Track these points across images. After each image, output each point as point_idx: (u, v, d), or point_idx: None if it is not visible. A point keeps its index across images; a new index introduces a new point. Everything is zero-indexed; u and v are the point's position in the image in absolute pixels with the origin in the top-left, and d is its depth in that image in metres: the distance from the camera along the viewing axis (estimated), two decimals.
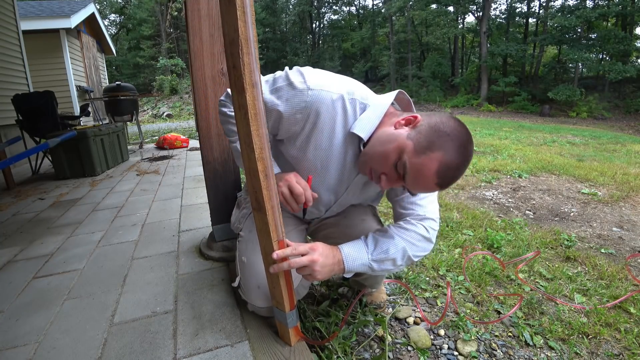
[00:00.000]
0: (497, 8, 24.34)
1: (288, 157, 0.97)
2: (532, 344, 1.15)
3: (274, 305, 0.92)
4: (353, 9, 29.73)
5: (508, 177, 3.35)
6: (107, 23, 28.03)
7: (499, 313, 1.31)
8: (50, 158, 3.56)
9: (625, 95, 15.63)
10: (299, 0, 27.62)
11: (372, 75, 26.17)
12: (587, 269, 1.62)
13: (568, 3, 17.44)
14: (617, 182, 3.08)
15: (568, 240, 1.90)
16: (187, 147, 5.04)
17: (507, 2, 20.97)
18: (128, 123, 5.60)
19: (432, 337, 1.18)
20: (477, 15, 20.34)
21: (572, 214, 2.37)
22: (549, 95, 15.35)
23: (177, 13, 20.82)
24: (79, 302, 1.22)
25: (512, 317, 1.27)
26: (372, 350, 1.12)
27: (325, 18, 29.80)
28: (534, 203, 2.61)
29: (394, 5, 20.60)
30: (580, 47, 15.37)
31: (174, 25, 24.40)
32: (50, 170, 3.76)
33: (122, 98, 5.06)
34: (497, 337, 1.19)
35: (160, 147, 5.07)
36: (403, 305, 1.34)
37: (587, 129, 10.08)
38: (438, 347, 1.14)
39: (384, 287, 1.41)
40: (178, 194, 2.54)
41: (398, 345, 1.14)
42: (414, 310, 1.31)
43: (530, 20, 20.73)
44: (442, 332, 1.20)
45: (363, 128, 0.86)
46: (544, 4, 18.95)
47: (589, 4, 16.21)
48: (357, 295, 1.27)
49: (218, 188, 1.47)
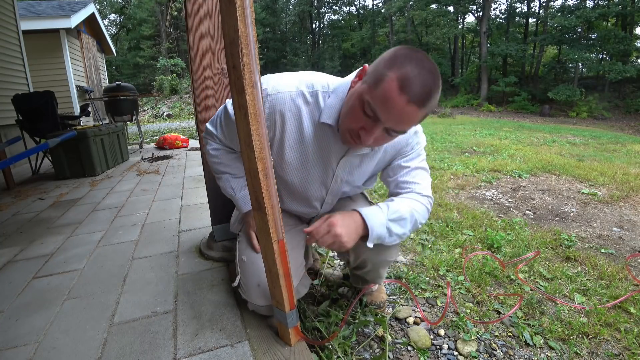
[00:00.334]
0: (497, 8, 24.34)
1: None
2: (532, 344, 1.15)
3: (274, 305, 0.92)
4: (353, 9, 29.73)
5: (508, 177, 3.35)
6: (107, 23, 28.04)
7: (499, 313, 1.31)
8: (50, 158, 3.56)
9: (625, 95, 15.63)
10: (299, 0, 27.61)
11: None
12: (587, 269, 1.62)
13: (568, 3, 17.45)
14: (617, 182, 3.08)
15: (568, 240, 1.90)
16: (187, 147, 5.04)
17: (507, 2, 20.98)
18: (128, 123, 5.60)
19: (432, 337, 1.18)
20: (477, 15, 20.34)
21: (572, 214, 2.37)
22: (549, 95, 15.35)
23: (177, 13, 20.83)
24: (79, 302, 1.22)
25: (512, 317, 1.27)
26: (372, 350, 1.12)
27: (325, 18, 29.82)
28: (534, 203, 2.61)
29: (394, 5, 20.61)
30: (580, 47, 15.37)
31: (174, 25, 24.40)
32: (50, 170, 3.76)
33: (122, 98, 5.05)
34: (497, 337, 1.19)
35: (160, 147, 5.07)
36: (403, 305, 1.34)
37: (587, 129, 10.08)
38: (438, 347, 1.14)
39: (384, 287, 1.41)
40: (178, 194, 2.54)
41: (398, 345, 1.14)
42: (414, 310, 1.31)
43: (530, 20, 20.73)
44: (442, 332, 1.20)
45: (330, 115, 0.88)
46: (544, 4, 18.96)
47: (589, 4, 16.21)
48: (357, 295, 1.27)
49: (218, 188, 1.46)
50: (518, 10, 20.23)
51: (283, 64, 25.91)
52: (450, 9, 21.14)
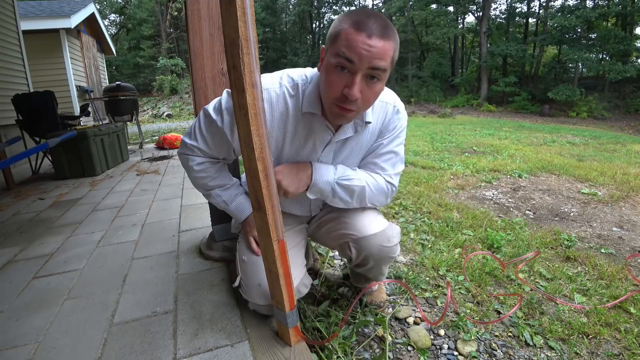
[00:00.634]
0: (497, 8, 24.36)
1: None
2: (532, 344, 1.15)
3: (274, 305, 0.92)
4: (353, 9, 29.71)
5: (508, 177, 3.35)
6: (107, 23, 28.04)
7: (499, 313, 1.31)
8: (50, 158, 3.56)
9: (625, 95, 15.63)
10: (299, 0, 27.61)
11: None
12: (587, 269, 1.62)
13: (568, 3, 17.45)
14: (617, 182, 3.08)
15: (568, 240, 1.90)
16: None
17: (507, 2, 20.98)
18: (128, 123, 5.60)
19: (432, 337, 1.18)
20: (477, 15, 20.34)
21: (572, 214, 2.37)
22: (549, 95, 15.34)
23: (177, 13, 20.81)
24: (79, 302, 1.22)
25: (512, 317, 1.27)
26: (372, 350, 1.12)
27: (325, 18, 29.77)
28: (534, 203, 2.61)
29: (394, 5, 20.61)
30: (580, 47, 15.36)
31: (174, 25, 24.41)
32: (50, 170, 3.76)
33: (122, 98, 5.05)
34: (497, 337, 1.19)
35: (160, 147, 5.07)
36: (403, 305, 1.34)
37: (587, 129, 10.07)
38: (438, 347, 1.14)
39: (384, 287, 1.41)
40: (178, 194, 2.54)
41: (398, 345, 1.14)
42: (414, 310, 1.31)
43: (530, 20, 20.73)
44: (442, 332, 1.20)
45: (310, 103, 0.91)
46: (544, 4, 18.96)
47: (589, 4, 16.20)
48: (357, 295, 1.27)
49: None
50: (518, 10, 20.23)
51: (283, 64, 25.89)
52: (450, 9, 21.14)
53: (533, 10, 20.01)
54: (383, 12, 23.76)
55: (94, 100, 6.57)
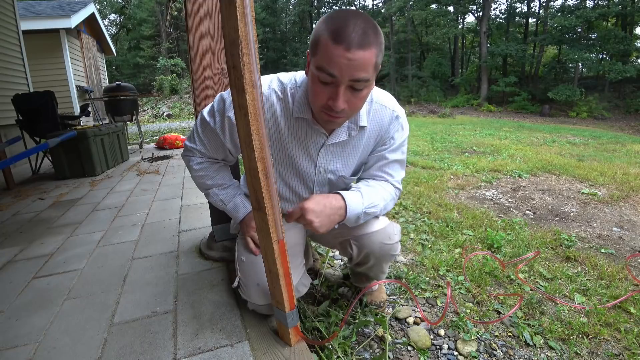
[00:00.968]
0: (497, 8, 24.36)
1: None
2: (532, 344, 1.15)
3: (274, 305, 0.92)
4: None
5: (508, 177, 3.35)
6: (107, 23, 28.05)
7: (499, 313, 1.31)
8: (50, 158, 3.56)
9: (625, 95, 15.62)
10: (299, 0, 27.62)
11: None
12: (587, 269, 1.62)
13: (568, 3, 17.46)
14: (617, 182, 3.08)
15: (568, 240, 1.90)
16: None
17: (507, 2, 20.99)
18: (128, 123, 5.60)
19: (432, 337, 1.18)
20: (477, 15, 20.34)
21: (572, 214, 2.37)
22: (549, 95, 15.35)
23: (177, 13, 20.78)
24: (79, 302, 1.22)
25: (512, 317, 1.27)
26: (372, 350, 1.12)
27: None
28: (534, 203, 2.61)
29: (394, 5, 20.60)
30: (580, 47, 15.36)
31: (174, 25, 24.40)
32: (50, 170, 3.76)
33: (122, 98, 5.06)
34: (497, 337, 1.19)
35: (160, 147, 5.07)
36: (403, 305, 1.34)
37: (587, 129, 10.07)
38: (438, 347, 1.14)
39: (384, 287, 1.41)
40: (178, 194, 2.54)
41: (398, 345, 1.14)
42: (414, 310, 1.31)
43: (530, 20, 20.73)
44: (442, 332, 1.20)
45: (300, 108, 0.92)
46: (544, 4, 18.95)
47: (589, 4, 16.21)
48: (357, 295, 1.27)
49: None
50: (518, 10, 20.23)
51: (283, 64, 25.90)
52: (450, 9, 21.14)
53: (533, 10, 20.01)
54: (383, 12, 23.79)
55: (94, 100, 6.58)
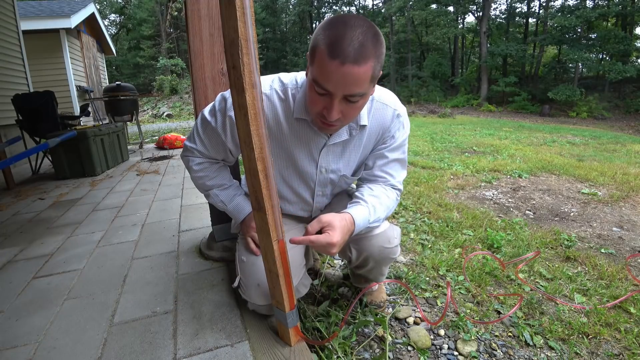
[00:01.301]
0: (497, 8, 24.37)
1: None
2: (532, 344, 1.15)
3: (274, 305, 0.92)
4: (353, 9, 29.71)
5: (508, 177, 3.35)
6: (107, 23, 28.04)
7: (499, 313, 1.31)
8: (50, 158, 3.56)
9: (625, 95, 15.63)
10: (299, 0, 27.61)
11: None
12: (587, 269, 1.62)
13: (568, 3, 17.46)
14: (617, 182, 3.08)
15: (568, 240, 1.90)
16: None
17: (507, 2, 20.99)
18: (128, 123, 5.60)
19: (432, 337, 1.18)
20: (477, 15, 20.34)
21: (572, 214, 2.37)
22: (549, 95, 15.35)
23: (177, 13, 20.78)
24: (79, 302, 1.22)
25: (512, 317, 1.27)
26: (372, 350, 1.12)
27: (325, 18, 29.82)
28: (534, 203, 2.61)
29: (394, 5, 20.60)
30: (580, 47, 15.37)
31: (174, 25, 24.40)
32: (50, 170, 3.76)
33: (122, 98, 5.06)
34: (497, 337, 1.19)
35: (160, 147, 5.07)
36: (403, 305, 1.34)
37: (587, 129, 10.07)
38: (438, 347, 1.14)
39: (384, 287, 1.41)
40: (178, 194, 2.54)
41: (398, 345, 1.14)
42: (414, 310, 1.31)
43: (530, 20, 20.73)
44: (442, 332, 1.20)
45: (300, 110, 0.92)
46: (544, 4, 18.96)
47: (589, 4, 16.21)
48: (357, 295, 1.27)
49: None
50: (518, 10, 20.24)
51: (283, 64, 25.90)
52: (450, 9, 21.14)
53: (533, 10, 20.01)
54: (383, 12, 23.80)
55: (94, 100, 6.57)
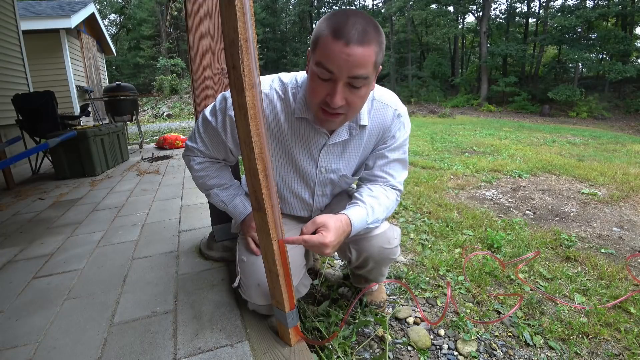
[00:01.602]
0: (497, 8, 24.37)
1: None
2: (532, 344, 1.15)
3: (274, 305, 0.92)
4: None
5: (508, 177, 3.35)
6: (107, 23, 28.05)
7: (499, 313, 1.31)
8: (50, 158, 3.56)
9: (625, 95, 15.62)
10: (299, 0, 27.62)
11: None
12: (587, 269, 1.62)
13: (568, 3, 17.46)
14: (617, 182, 3.08)
15: (568, 240, 1.90)
16: None
17: (507, 2, 20.99)
18: (128, 123, 5.60)
19: (432, 337, 1.18)
20: (477, 15, 20.34)
21: (572, 214, 2.37)
22: (549, 95, 15.34)
23: (177, 13, 20.74)
24: (79, 302, 1.22)
25: (512, 317, 1.27)
26: (372, 350, 1.12)
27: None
28: (534, 203, 2.61)
29: (394, 5, 20.60)
30: (580, 47, 15.37)
31: (174, 25, 24.40)
32: (50, 170, 3.76)
33: (122, 98, 5.05)
34: (497, 337, 1.19)
35: (160, 147, 5.07)
36: (403, 305, 1.34)
37: (587, 129, 10.07)
38: (438, 347, 1.14)
39: (384, 287, 1.41)
40: (178, 194, 2.54)
41: (398, 345, 1.14)
42: (414, 310, 1.31)
43: (530, 20, 20.73)
44: (442, 332, 1.20)
45: (301, 109, 0.92)
46: (544, 4, 18.96)
47: (589, 4, 16.21)
48: (357, 295, 1.27)
49: None
50: (518, 10, 20.24)
51: (283, 64, 25.89)
52: (450, 9, 21.14)
53: (533, 10, 20.02)
54: (383, 12, 23.80)
55: (94, 100, 6.57)
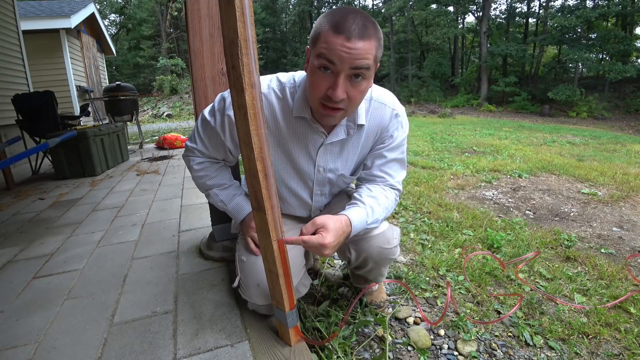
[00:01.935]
0: (497, 8, 24.38)
1: None
2: (532, 344, 1.15)
3: (274, 305, 0.92)
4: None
5: (508, 177, 3.35)
6: (107, 23, 28.05)
7: (499, 313, 1.31)
8: (50, 158, 3.56)
9: (625, 95, 15.62)
10: (299, 0, 27.61)
11: None
12: (587, 269, 1.62)
13: (568, 3, 17.46)
14: (617, 182, 3.08)
15: (568, 240, 1.90)
16: None
17: (507, 2, 20.99)
18: (128, 123, 5.60)
19: (432, 337, 1.18)
20: (477, 15, 20.34)
21: (572, 214, 2.37)
22: (549, 95, 15.34)
23: (177, 13, 20.80)
24: (79, 302, 1.22)
25: (512, 317, 1.27)
26: (372, 350, 1.12)
27: None
28: (534, 203, 2.61)
29: (394, 5, 20.60)
30: (580, 47, 15.36)
31: (174, 25, 24.40)
32: (50, 170, 3.76)
33: (122, 98, 5.06)
34: (497, 337, 1.19)
35: (160, 147, 5.07)
36: (403, 305, 1.34)
37: (587, 129, 10.07)
38: (438, 347, 1.14)
39: (384, 287, 1.41)
40: (178, 194, 2.54)
41: (398, 345, 1.14)
42: (414, 310, 1.31)
43: (530, 20, 20.73)
44: (442, 332, 1.20)
45: (300, 108, 0.92)
46: (544, 4, 18.95)
47: (589, 4, 16.20)
48: (357, 295, 1.27)
49: None
50: (518, 10, 20.24)
51: (283, 64, 25.89)
52: (450, 9, 21.13)
53: (533, 10, 20.01)
54: (383, 12, 23.79)
55: (94, 100, 6.57)
